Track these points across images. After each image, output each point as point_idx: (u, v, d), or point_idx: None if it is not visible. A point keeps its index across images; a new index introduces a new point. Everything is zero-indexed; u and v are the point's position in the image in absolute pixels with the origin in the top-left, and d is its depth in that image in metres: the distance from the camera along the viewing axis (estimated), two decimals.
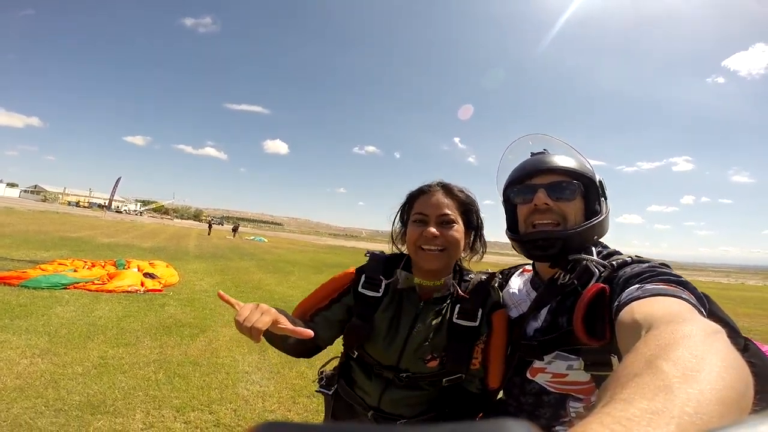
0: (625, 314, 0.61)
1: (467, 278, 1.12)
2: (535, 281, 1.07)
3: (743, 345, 0.72)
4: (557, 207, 0.94)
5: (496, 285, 1.12)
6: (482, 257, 1.16)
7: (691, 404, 0.28)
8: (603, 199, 1.00)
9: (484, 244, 1.16)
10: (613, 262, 0.85)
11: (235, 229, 38.68)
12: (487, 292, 1.08)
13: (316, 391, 1.24)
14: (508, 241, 1.05)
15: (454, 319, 1.04)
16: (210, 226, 36.51)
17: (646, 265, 0.79)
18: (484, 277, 1.11)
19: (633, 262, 0.83)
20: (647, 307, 0.59)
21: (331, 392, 1.19)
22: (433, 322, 1.05)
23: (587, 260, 0.89)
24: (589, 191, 0.97)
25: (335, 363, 1.29)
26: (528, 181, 0.99)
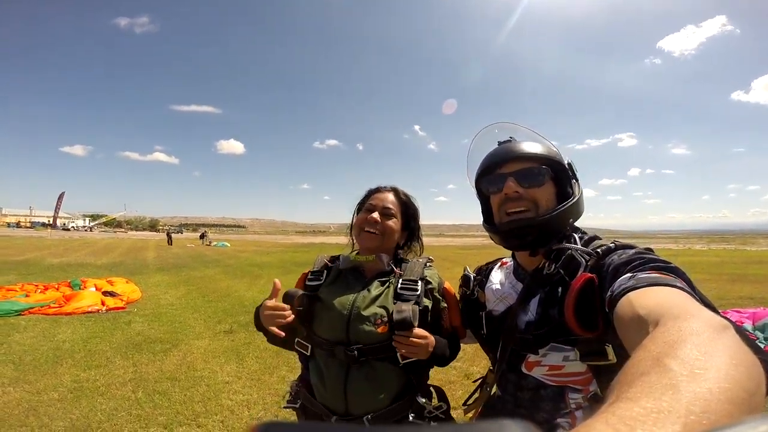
0: (625, 307, 0.59)
1: (405, 262, 1.30)
2: (518, 272, 1.04)
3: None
4: (528, 194, 0.94)
5: (432, 267, 1.29)
6: (420, 254, 1.39)
7: (699, 403, 0.27)
8: (574, 180, 0.99)
9: (420, 242, 1.41)
10: (598, 250, 0.83)
11: (202, 236, 36.64)
12: (421, 271, 1.24)
13: (284, 407, 1.29)
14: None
15: (398, 289, 1.19)
16: (169, 237, 32.73)
17: (633, 251, 0.77)
18: (420, 260, 1.31)
19: (617, 248, 0.81)
20: (647, 300, 0.56)
21: (298, 406, 1.24)
22: (379, 290, 1.20)
23: (572, 249, 0.88)
24: (559, 175, 0.97)
25: None
26: (497, 171, 0.99)
